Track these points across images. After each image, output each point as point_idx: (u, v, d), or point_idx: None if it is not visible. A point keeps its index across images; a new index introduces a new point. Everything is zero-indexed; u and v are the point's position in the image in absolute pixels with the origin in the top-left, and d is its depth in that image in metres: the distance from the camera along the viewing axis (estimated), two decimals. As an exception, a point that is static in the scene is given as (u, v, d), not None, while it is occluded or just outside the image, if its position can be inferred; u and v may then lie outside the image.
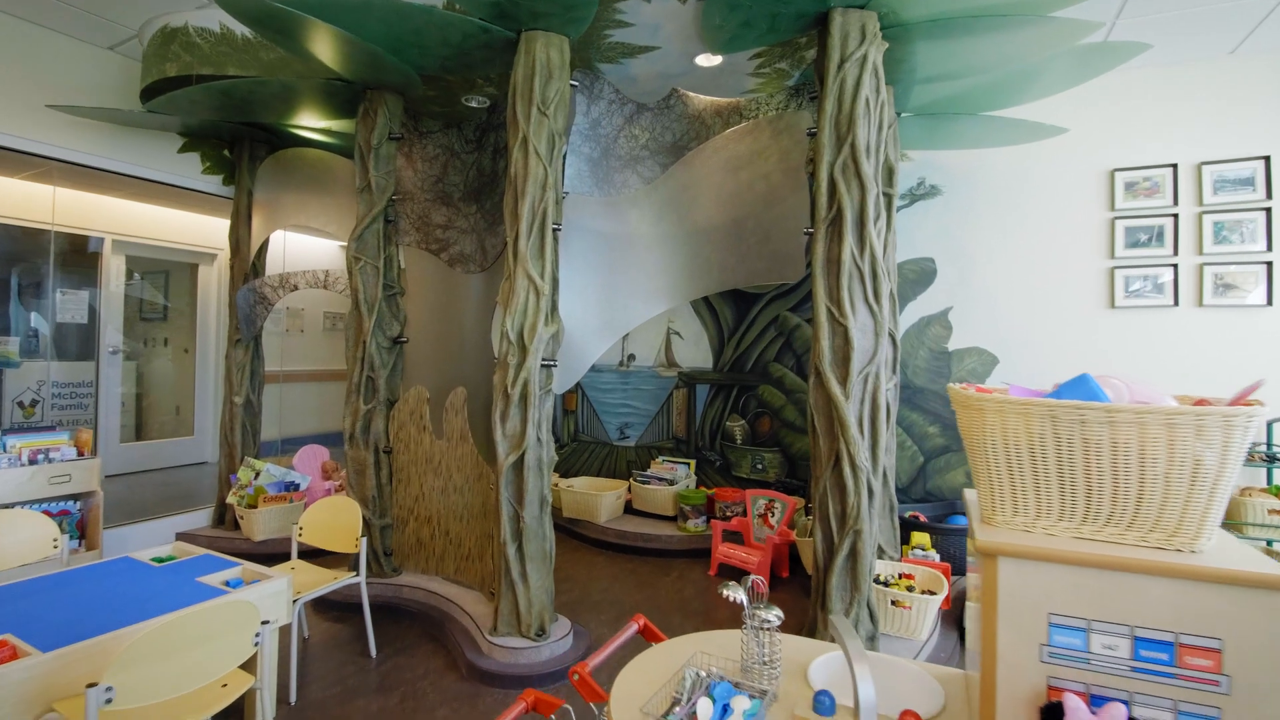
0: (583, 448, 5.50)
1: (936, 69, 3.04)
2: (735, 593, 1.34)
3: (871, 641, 2.58)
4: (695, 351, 5.05)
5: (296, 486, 4.21)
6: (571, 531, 4.55)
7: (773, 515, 4.04)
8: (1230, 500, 3.56)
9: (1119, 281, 3.92)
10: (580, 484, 4.96)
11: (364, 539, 2.70)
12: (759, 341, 4.81)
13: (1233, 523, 3.37)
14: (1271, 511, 3.26)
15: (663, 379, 5.17)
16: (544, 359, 2.74)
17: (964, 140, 3.92)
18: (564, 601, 3.39)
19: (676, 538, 4.32)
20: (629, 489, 4.84)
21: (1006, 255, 4.18)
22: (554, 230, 2.75)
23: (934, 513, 4.09)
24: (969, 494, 1.23)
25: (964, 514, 4.00)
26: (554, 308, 2.80)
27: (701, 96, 3.08)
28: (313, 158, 3.93)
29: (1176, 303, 3.80)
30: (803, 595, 3.63)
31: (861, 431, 2.55)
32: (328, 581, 2.61)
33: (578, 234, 2.95)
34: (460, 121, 3.40)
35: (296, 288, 4.25)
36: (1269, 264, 3.64)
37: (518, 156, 2.73)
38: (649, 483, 4.74)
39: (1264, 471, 3.60)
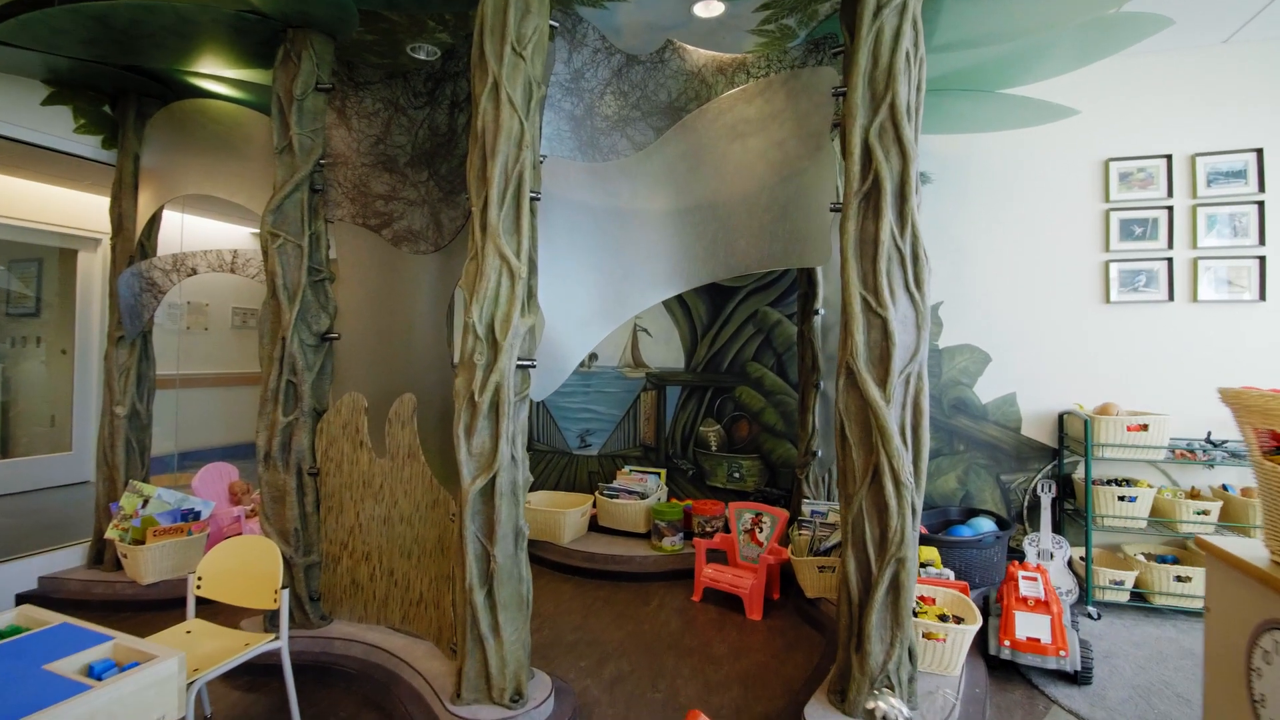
0: (538, 458, 4.96)
1: (958, 32, 2.72)
2: (892, 706, 0.89)
3: (911, 684, 2.20)
4: (665, 350, 4.61)
5: (197, 515, 3.48)
6: (530, 554, 4.00)
7: (760, 531, 3.65)
8: (1234, 501, 3.45)
9: (1114, 275, 3.76)
10: (539, 500, 4.43)
11: (285, 591, 2.10)
12: (736, 339, 4.43)
13: (1239, 525, 3.23)
14: (1283, 515, 3.13)
15: (629, 380, 4.70)
16: (520, 358, 2.22)
17: (964, 122, 3.66)
18: (533, 645, 2.86)
19: (652, 559, 3.86)
20: (594, 504, 4.35)
21: (999, 248, 3.96)
22: (532, 199, 2.24)
23: (928, 521, 3.81)
24: (1237, 545, 0.85)
25: (961, 524, 3.73)
26: (531, 295, 2.29)
27: (701, 51, 2.64)
28: (218, 112, 3.23)
29: (1171, 298, 3.67)
30: (802, 622, 3.25)
31: (905, 442, 2.17)
32: (237, 651, 2.00)
33: (558, 207, 2.45)
34: (406, 72, 2.82)
35: (195, 271, 3.52)
36: (1262, 258, 3.55)
37: (486, 106, 2.20)
38: (617, 496, 4.26)
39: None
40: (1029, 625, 2.71)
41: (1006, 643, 2.70)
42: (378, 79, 2.84)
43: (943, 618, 2.58)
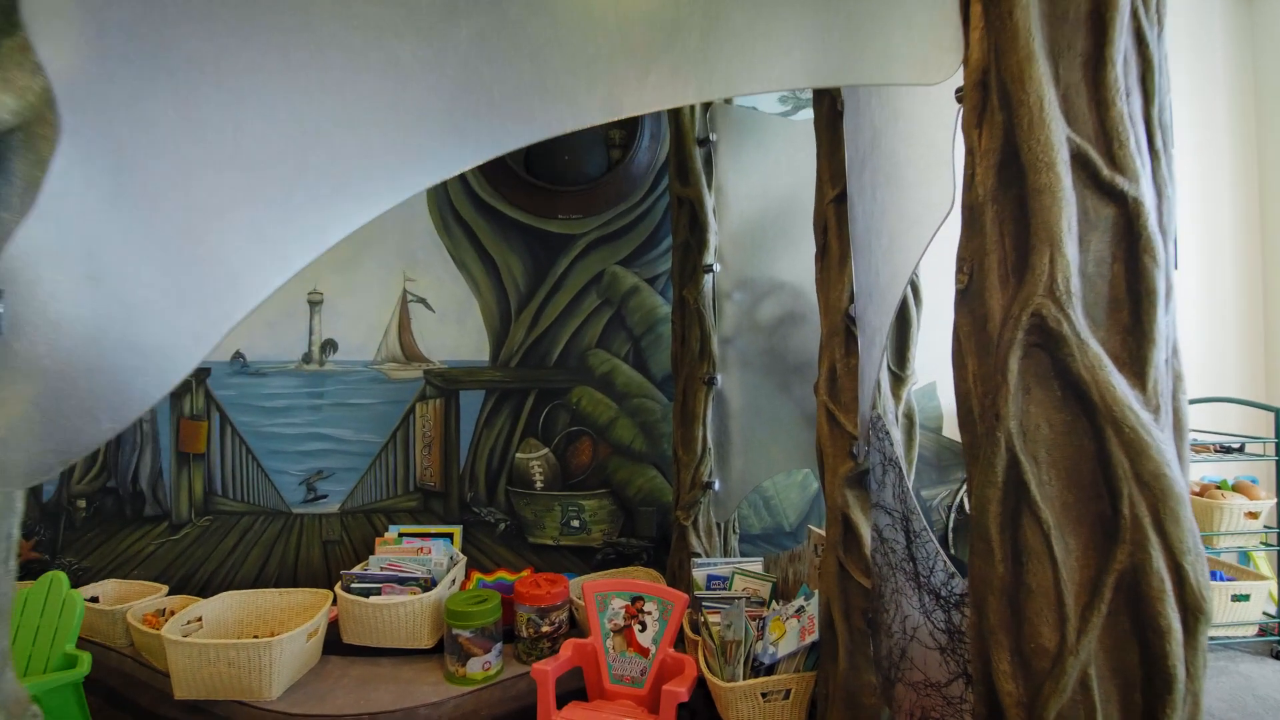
0: (223, 526, 2.83)
1: None
2: None
3: None
4: (458, 334, 2.87)
5: None
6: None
7: (643, 628, 2.19)
8: (1196, 502, 2.93)
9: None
10: (218, 617, 2.35)
11: None
12: (572, 315, 2.89)
13: (1205, 534, 2.69)
14: (1248, 515, 2.64)
15: (394, 384, 2.86)
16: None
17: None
18: None
19: (451, 703, 2.15)
20: (333, 604, 2.44)
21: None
22: None
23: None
24: None
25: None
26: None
27: None
28: None
29: (1088, 265, 3.10)
30: (743, 795, 1.85)
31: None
32: None
33: None
34: None
35: None
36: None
37: None
38: (376, 590, 2.42)
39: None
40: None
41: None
42: None
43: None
